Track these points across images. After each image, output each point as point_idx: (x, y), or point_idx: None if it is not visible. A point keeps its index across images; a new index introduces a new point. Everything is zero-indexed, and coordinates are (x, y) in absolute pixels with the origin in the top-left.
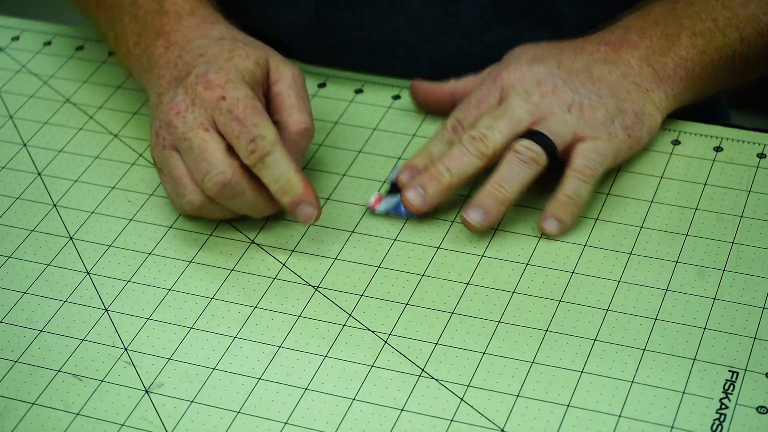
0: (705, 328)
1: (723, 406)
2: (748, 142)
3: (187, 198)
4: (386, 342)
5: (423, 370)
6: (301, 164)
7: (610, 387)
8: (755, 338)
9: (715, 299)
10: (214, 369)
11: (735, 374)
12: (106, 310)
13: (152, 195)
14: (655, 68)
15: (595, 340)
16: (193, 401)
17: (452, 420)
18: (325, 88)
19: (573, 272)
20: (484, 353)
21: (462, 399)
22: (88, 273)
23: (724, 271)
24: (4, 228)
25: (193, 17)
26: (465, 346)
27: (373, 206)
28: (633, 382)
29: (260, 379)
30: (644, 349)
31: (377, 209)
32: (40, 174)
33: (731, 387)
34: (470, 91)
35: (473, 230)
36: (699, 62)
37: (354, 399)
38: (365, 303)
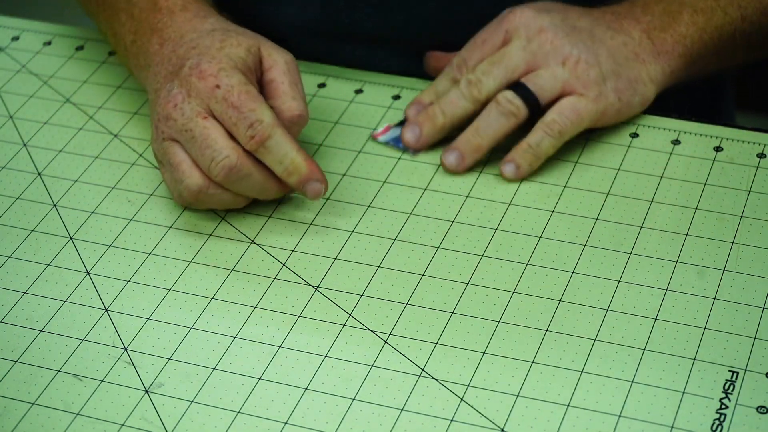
0: (705, 328)
1: (723, 406)
2: (748, 142)
3: (185, 183)
4: (386, 342)
5: (423, 370)
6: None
7: (610, 387)
8: (755, 338)
9: (715, 299)
10: (214, 369)
11: (735, 374)
12: (106, 310)
13: (152, 195)
14: (654, 42)
15: (595, 340)
16: (193, 401)
17: (452, 420)
18: (325, 88)
19: (573, 272)
20: (484, 353)
21: (462, 399)
22: (88, 273)
23: (724, 271)
24: (4, 228)
25: (186, 12)
26: (465, 346)
27: (376, 136)
28: (633, 382)
29: (260, 379)
30: (644, 349)
31: (379, 139)
32: (40, 174)
33: (731, 387)
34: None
35: (449, 171)
36: (698, 40)
37: (354, 399)
38: (365, 303)
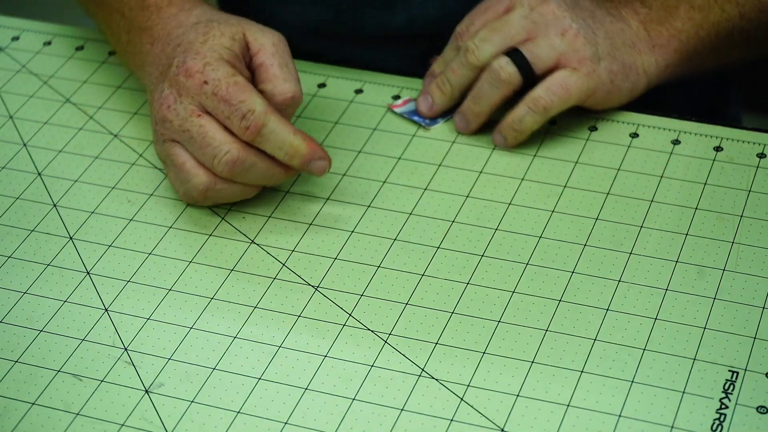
0: (705, 328)
1: (723, 406)
2: (748, 142)
3: (192, 183)
4: (386, 342)
5: (423, 370)
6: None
7: (610, 387)
8: (755, 338)
9: (715, 299)
10: (214, 369)
11: (735, 374)
12: (106, 310)
13: (152, 195)
14: (650, 34)
15: (595, 340)
16: (193, 401)
17: (452, 420)
18: (325, 88)
19: (573, 272)
20: (484, 353)
21: (462, 399)
22: (88, 273)
23: (724, 271)
24: (4, 228)
25: (171, 7)
26: (465, 346)
27: (394, 107)
28: (633, 382)
29: (260, 379)
30: (644, 349)
31: (396, 110)
32: (40, 174)
33: (731, 387)
34: None
35: (460, 132)
36: (694, 35)
37: (354, 399)
38: (365, 303)
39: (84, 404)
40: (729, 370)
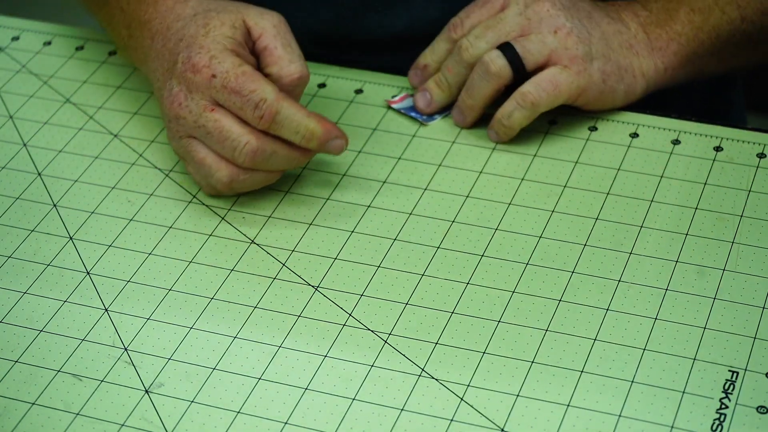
0: (705, 328)
1: (723, 406)
2: (748, 142)
3: (216, 177)
4: (386, 342)
5: (423, 370)
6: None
7: (610, 387)
8: (755, 338)
9: (715, 299)
10: (214, 369)
11: (735, 374)
12: (106, 310)
13: (152, 195)
14: (649, 37)
15: (595, 340)
16: (193, 401)
17: (452, 420)
18: (325, 88)
19: (573, 272)
20: (484, 353)
21: (462, 399)
22: (88, 273)
23: (724, 271)
24: (4, 228)
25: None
26: (465, 346)
27: (392, 103)
28: (633, 382)
29: (260, 379)
30: (644, 349)
31: (394, 107)
32: (40, 174)
33: (731, 387)
34: None
35: (458, 125)
36: (694, 38)
37: (354, 399)
38: (365, 303)
39: (84, 404)
40: (729, 370)
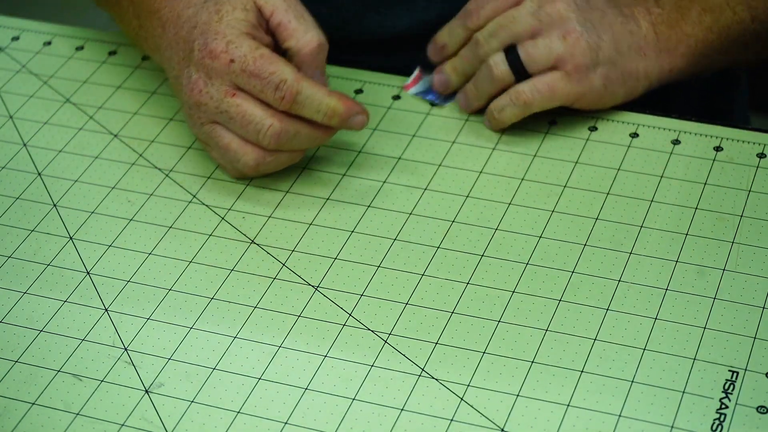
0: (705, 328)
1: (723, 406)
2: (748, 142)
3: (242, 161)
4: (386, 342)
5: (423, 369)
6: (326, 80)
7: (610, 387)
8: (755, 338)
9: (715, 299)
10: (214, 369)
11: (735, 374)
12: (106, 310)
13: (152, 195)
14: (659, 38)
15: (595, 340)
16: (193, 401)
17: (452, 420)
18: None
19: (573, 272)
20: (484, 353)
21: (462, 399)
22: (88, 273)
23: (724, 271)
24: (4, 228)
25: None
26: (465, 346)
27: (407, 87)
28: (633, 382)
29: (260, 379)
30: (644, 349)
31: (410, 92)
32: (40, 174)
33: (731, 387)
34: None
35: (463, 109)
36: (703, 39)
37: (354, 399)
38: (365, 303)
39: (84, 404)
40: (729, 370)
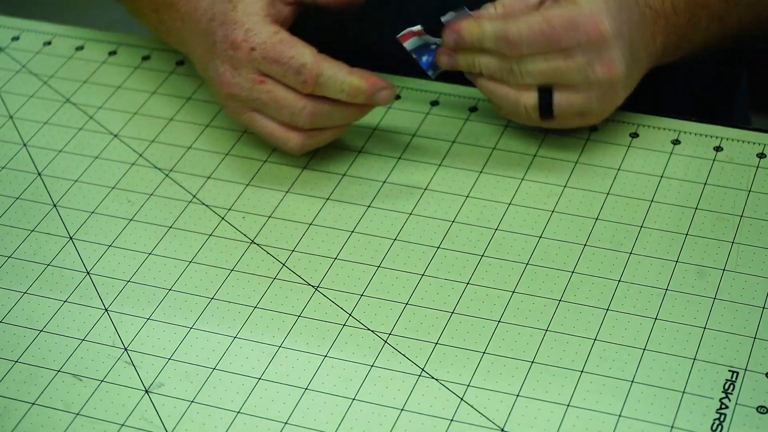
0: (705, 328)
1: (723, 406)
2: (748, 142)
3: (288, 146)
4: (386, 342)
5: (423, 369)
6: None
7: (610, 387)
8: (755, 338)
9: (715, 299)
10: (214, 369)
11: (735, 374)
12: (106, 310)
13: (152, 195)
14: (666, 48)
15: (595, 340)
16: (193, 401)
17: (452, 420)
18: None
19: (573, 272)
20: (484, 353)
21: (462, 399)
22: (88, 273)
23: (724, 271)
24: (4, 228)
25: None
26: (465, 346)
27: (403, 39)
28: (633, 382)
29: (260, 379)
30: (644, 349)
31: (405, 45)
32: (40, 174)
33: (731, 387)
34: None
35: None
36: (713, 46)
37: (354, 399)
38: (365, 303)
39: (84, 404)
40: (729, 370)
